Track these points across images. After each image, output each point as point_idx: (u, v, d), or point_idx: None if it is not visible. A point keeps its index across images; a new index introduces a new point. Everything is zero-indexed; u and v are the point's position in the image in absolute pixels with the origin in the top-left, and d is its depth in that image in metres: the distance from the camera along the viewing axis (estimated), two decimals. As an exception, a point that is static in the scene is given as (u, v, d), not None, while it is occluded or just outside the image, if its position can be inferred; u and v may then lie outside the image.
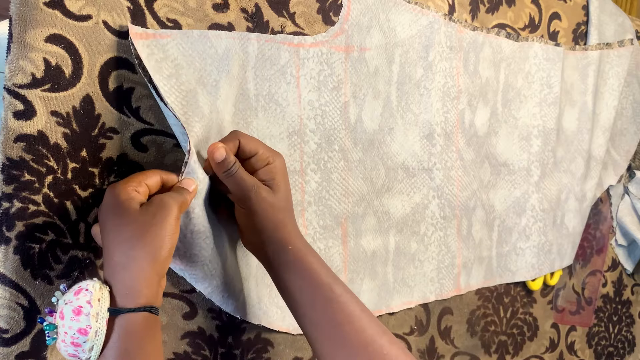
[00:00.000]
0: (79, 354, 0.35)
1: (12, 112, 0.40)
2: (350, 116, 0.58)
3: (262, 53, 0.51)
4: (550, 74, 0.76)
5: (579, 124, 0.81)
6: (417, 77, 0.62)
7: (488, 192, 0.72)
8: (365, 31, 0.58)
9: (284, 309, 0.55)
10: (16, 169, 0.40)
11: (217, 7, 0.49)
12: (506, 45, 0.72)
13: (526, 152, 0.75)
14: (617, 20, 0.86)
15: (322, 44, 0.55)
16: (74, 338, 0.35)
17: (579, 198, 0.83)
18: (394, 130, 0.61)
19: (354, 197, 0.59)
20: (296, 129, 0.54)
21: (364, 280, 0.61)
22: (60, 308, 0.36)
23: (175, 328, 0.50)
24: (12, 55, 0.40)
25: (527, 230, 0.77)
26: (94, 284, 0.36)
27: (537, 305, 0.82)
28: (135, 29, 0.44)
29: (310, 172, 0.56)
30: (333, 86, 0.56)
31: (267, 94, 0.52)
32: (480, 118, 0.70)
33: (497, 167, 0.73)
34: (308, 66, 0.54)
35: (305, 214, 0.56)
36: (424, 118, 0.63)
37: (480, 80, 0.69)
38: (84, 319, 0.35)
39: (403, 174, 0.63)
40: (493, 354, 0.76)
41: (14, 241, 0.41)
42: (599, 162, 0.85)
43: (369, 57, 0.58)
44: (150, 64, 0.44)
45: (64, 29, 0.42)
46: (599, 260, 0.88)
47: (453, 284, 0.69)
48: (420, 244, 0.65)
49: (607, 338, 0.95)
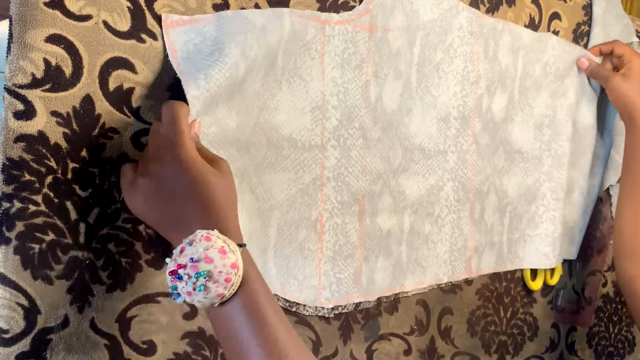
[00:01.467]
0: (227, 290, 0.38)
1: (13, 112, 0.40)
2: (371, 95, 0.59)
3: (294, 28, 0.52)
4: (566, 67, 0.77)
5: (593, 120, 0.82)
6: (437, 60, 0.63)
7: (502, 177, 0.73)
8: (389, 12, 0.59)
9: (301, 281, 0.55)
10: (16, 169, 0.40)
11: (217, 7, 0.49)
12: (525, 34, 0.73)
13: (539, 141, 0.76)
14: (622, 22, 0.86)
15: (348, 22, 0.56)
16: (228, 274, 0.37)
17: (583, 193, 0.83)
18: (412, 111, 0.62)
19: (371, 176, 0.60)
20: (319, 104, 0.55)
21: (379, 258, 0.61)
22: (201, 255, 0.37)
23: (176, 328, 0.50)
24: (12, 56, 0.40)
25: (537, 218, 0.77)
26: (210, 232, 0.38)
27: (537, 305, 0.82)
28: (171, 17, 0.45)
29: (330, 147, 0.56)
30: (356, 64, 0.57)
31: (293, 68, 0.53)
32: (498, 104, 0.71)
33: (512, 153, 0.74)
34: (333, 43, 0.55)
35: (324, 189, 0.56)
36: (442, 101, 0.64)
37: (499, 67, 0.70)
38: (232, 255, 0.38)
39: (420, 155, 0.63)
40: (493, 354, 0.76)
41: (14, 241, 0.41)
42: (601, 160, 0.85)
43: (392, 38, 0.59)
44: (188, 48, 0.45)
45: (64, 29, 0.42)
46: (599, 260, 0.88)
47: (465, 266, 0.70)
48: (434, 225, 0.66)
49: (607, 338, 0.95)
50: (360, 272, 0.60)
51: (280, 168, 0.53)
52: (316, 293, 0.57)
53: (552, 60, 0.76)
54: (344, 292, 0.59)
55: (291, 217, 0.54)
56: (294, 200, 0.54)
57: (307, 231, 0.56)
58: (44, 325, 0.43)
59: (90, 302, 0.45)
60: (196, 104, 0.44)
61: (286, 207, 0.54)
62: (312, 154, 0.55)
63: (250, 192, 0.51)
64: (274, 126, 0.52)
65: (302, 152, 0.54)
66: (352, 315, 0.61)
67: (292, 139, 0.53)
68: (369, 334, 0.63)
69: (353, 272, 0.59)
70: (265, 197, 0.52)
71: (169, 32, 0.45)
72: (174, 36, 0.46)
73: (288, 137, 0.53)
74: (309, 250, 0.56)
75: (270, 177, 0.53)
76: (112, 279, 0.46)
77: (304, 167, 0.55)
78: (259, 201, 0.52)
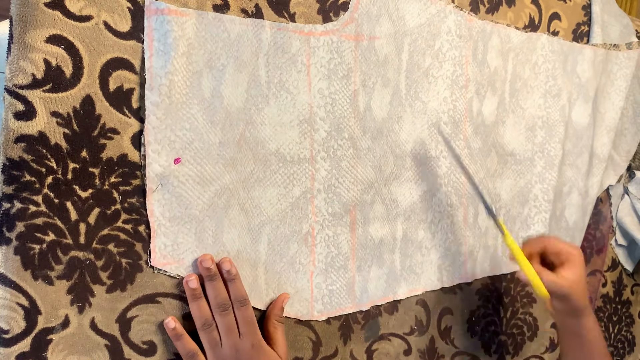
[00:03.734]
0: None
1: (13, 112, 0.40)
2: (360, 104, 0.58)
3: (275, 41, 0.52)
4: (556, 66, 0.76)
5: (589, 120, 0.82)
6: (426, 65, 0.63)
7: (495, 181, 0.73)
8: (375, 20, 0.58)
9: (293, 296, 0.56)
10: (17, 170, 0.41)
11: (217, 8, 0.49)
12: (514, 36, 0.72)
13: (531, 143, 0.76)
14: (622, 22, 0.86)
15: (333, 32, 0.56)
16: None
17: (582, 193, 0.83)
18: (403, 118, 0.62)
19: (362, 185, 0.59)
20: (306, 117, 0.55)
21: (372, 267, 0.61)
22: None
23: (176, 328, 0.50)
24: (13, 56, 0.40)
25: (529, 220, 0.77)
26: None
27: (537, 305, 0.82)
28: (156, 4, 0.45)
29: (320, 159, 0.56)
30: (343, 75, 0.57)
31: (278, 82, 0.53)
32: (488, 107, 0.70)
33: (504, 156, 0.74)
34: (318, 54, 0.55)
35: (315, 201, 0.56)
36: (432, 106, 0.64)
37: (488, 70, 0.69)
38: None
39: (411, 162, 0.63)
40: (493, 354, 0.76)
41: (14, 242, 0.41)
42: (601, 160, 0.85)
43: (379, 46, 0.59)
44: (167, 40, 0.45)
45: (65, 29, 0.42)
46: (599, 260, 0.88)
47: (459, 271, 0.70)
48: (427, 232, 0.66)
49: (607, 338, 0.95)
50: (353, 282, 0.60)
51: (269, 183, 0.53)
52: (308, 306, 0.57)
53: (542, 60, 0.75)
54: (337, 303, 0.59)
55: (282, 231, 0.54)
56: (284, 214, 0.54)
57: (298, 245, 0.55)
58: (44, 325, 0.43)
59: (90, 303, 0.45)
60: (155, 110, 0.45)
61: (277, 222, 0.54)
62: (302, 167, 0.55)
63: (239, 208, 0.51)
64: (260, 141, 0.52)
65: (291, 166, 0.54)
66: (352, 316, 0.61)
67: (279, 153, 0.53)
68: (369, 334, 0.63)
69: (346, 283, 0.59)
70: (255, 213, 0.52)
71: (151, 19, 0.45)
72: (155, 24, 0.45)
73: (275, 152, 0.53)
74: (300, 264, 0.56)
75: (259, 192, 0.53)
76: (112, 279, 0.46)
77: (293, 180, 0.54)
78: (249, 217, 0.52)
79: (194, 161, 0.48)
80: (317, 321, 0.58)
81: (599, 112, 0.84)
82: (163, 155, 0.46)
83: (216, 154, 0.49)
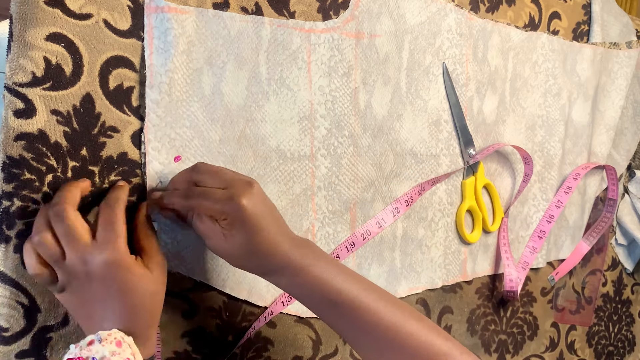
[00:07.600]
0: None
1: (13, 110, 0.40)
2: (360, 102, 0.58)
3: (275, 38, 0.52)
4: (556, 65, 0.76)
5: (589, 119, 0.82)
6: (427, 63, 0.63)
7: (494, 180, 0.73)
8: (376, 18, 0.58)
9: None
10: (16, 168, 0.41)
11: (217, 6, 0.49)
12: (515, 34, 0.72)
13: (530, 142, 0.76)
14: (622, 21, 0.86)
15: (333, 29, 0.56)
16: None
17: (581, 192, 0.83)
18: (403, 116, 0.62)
19: (362, 183, 0.59)
20: (307, 114, 0.55)
21: (372, 265, 0.61)
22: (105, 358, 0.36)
23: (175, 326, 0.50)
24: (13, 54, 0.40)
25: (529, 218, 0.77)
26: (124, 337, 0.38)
27: (537, 304, 0.82)
28: (157, 1, 0.45)
29: (320, 157, 0.56)
30: (343, 72, 0.57)
31: (279, 79, 0.53)
32: (489, 106, 0.70)
33: (504, 155, 0.73)
34: (319, 52, 0.55)
35: (315, 198, 0.56)
36: (432, 104, 0.64)
37: (489, 68, 0.69)
38: None
39: (411, 160, 0.63)
40: (493, 353, 0.76)
41: (14, 240, 0.41)
42: (600, 159, 0.85)
43: (379, 44, 0.59)
44: (167, 38, 0.45)
45: (65, 27, 0.42)
46: (598, 260, 0.88)
47: (459, 270, 0.70)
48: (427, 230, 0.66)
49: (607, 337, 0.95)
50: None
51: (269, 180, 0.53)
52: None
53: (542, 60, 0.75)
54: None
55: None
56: (284, 211, 0.54)
57: None
58: (44, 323, 0.43)
59: (90, 301, 0.45)
60: (155, 108, 0.45)
61: None
62: (302, 164, 0.55)
63: None
64: (261, 137, 0.52)
65: (292, 163, 0.54)
66: (352, 314, 0.61)
67: (280, 150, 0.53)
68: (369, 333, 0.63)
69: None
70: None
71: (151, 17, 0.45)
72: (155, 22, 0.45)
73: (276, 149, 0.53)
74: None
75: None
76: (112, 277, 0.46)
77: (293, 177, 0.54)
78: None
79: (194, 159, 0.48)
80: (317, 319, 0.58)
81: (598, 110, 0.84)
82: (163, 153, 0.47)
83: (216, 152, 0.49)
